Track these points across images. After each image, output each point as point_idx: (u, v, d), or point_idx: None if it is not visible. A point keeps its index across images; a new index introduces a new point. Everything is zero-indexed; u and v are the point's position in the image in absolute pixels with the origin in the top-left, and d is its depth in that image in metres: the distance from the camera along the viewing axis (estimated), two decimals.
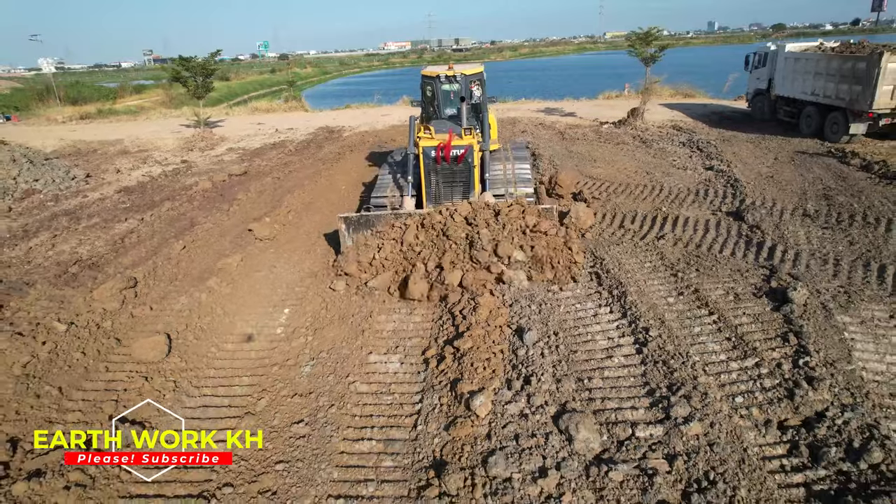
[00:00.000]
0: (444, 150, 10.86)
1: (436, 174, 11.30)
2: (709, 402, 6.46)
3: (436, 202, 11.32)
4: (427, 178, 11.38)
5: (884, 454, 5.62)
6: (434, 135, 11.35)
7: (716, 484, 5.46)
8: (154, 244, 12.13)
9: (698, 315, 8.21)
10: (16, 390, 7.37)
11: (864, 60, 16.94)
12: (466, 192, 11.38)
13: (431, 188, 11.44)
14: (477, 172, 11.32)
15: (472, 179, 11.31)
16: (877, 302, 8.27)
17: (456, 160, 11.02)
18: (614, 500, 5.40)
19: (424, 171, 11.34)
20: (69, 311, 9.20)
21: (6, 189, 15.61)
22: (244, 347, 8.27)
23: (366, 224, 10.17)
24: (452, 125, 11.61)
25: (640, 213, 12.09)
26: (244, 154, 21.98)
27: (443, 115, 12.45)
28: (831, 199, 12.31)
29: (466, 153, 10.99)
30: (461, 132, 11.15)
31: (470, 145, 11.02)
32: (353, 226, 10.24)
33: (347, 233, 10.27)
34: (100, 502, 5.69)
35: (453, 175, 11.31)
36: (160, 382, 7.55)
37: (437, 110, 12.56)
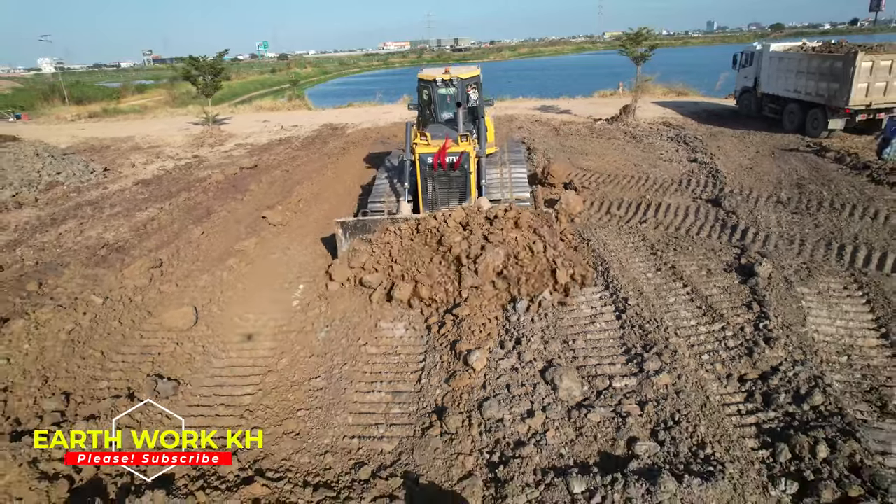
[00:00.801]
0: (441, 156, 10.76)
1: (432, 180, 11.15)
2: (678, 359, 7.30)
3: (433, 208, 11.13)
4: (423, 183, 11.22)
5: (824, 398, 6.46)
6: (430, 141, 11.07)
7: (679, 423, 6.29)
8: (174, 230, 12.96)
9: (673, 287, 9.05)
10: (64, 353, 8.21)
11: (840, 60, 17.76)
12: (463, 198, 11.20)
13: (428, 194, 11.27)
14: (473, 178, 11.21)
15: (469, 185, 11.15)
16: (833, 276, 9.11)
17: (452, 166, 10.92)
18: (591, 437, 6.24)
19: (421, 177, 11.18)
20: (103, 288, 10.04)
21: (31, 181, 16.43)
22: (264, 318, 9.09)
23: (362, 228, 10.17)
24: (449, 130, 11.38)
25: (626, 201, 12.92)
26: (252, 149, 22.80)
27: (439, 119, 12.30)
28: (803, 187, 13.15)
29: (462, 159, 10.84)
30: (457, 138, 10.96)
31: (466, 152, 10.85)
32: (350, 230, 10.24)
33: (344, 237, 10.27)
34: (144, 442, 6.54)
35: (450, 181, 11.15)
36: (190, 347, 8.39)
37: (433, 114, 12.45)
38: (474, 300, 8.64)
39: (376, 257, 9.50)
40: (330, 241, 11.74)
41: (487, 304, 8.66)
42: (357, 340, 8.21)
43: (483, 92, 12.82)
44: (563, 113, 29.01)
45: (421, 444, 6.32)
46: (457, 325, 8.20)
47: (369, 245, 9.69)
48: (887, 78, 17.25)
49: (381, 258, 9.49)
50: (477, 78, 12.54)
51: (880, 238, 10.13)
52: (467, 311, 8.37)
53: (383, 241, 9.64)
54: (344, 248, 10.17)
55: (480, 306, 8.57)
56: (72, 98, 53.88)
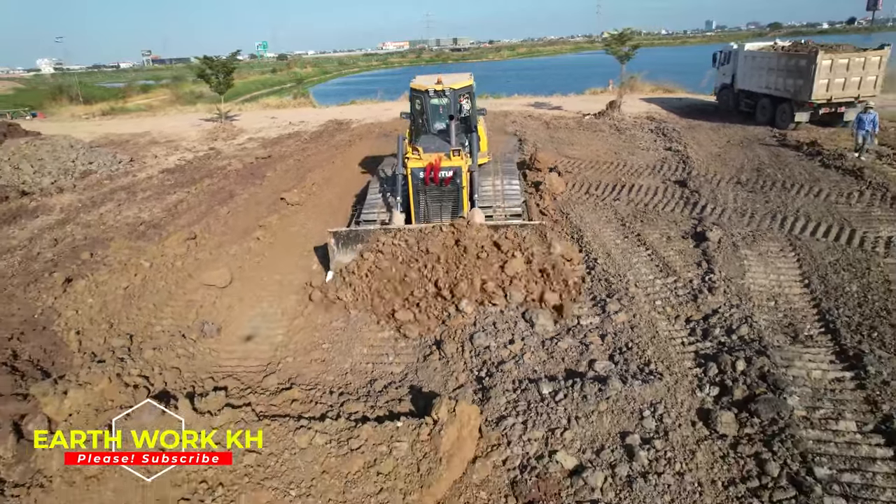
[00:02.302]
0: (433, 171, 10.51)
1: (424, 194, 10.87)
2: (635, 303, 8.74)
3: (425, 221, 10.87)
4: (416, 197, 10.93)
5: (749, 330, 7.90)
6: (422, 155, 10.72)
7: (631, 349, 7.73)
8: (202, 210, 14.35)
9: (637, 250, 10.49)
10: (122, 304, 9.62)
11: (804, 58, 19.13)
12: (456, 212, 10.87)
13: (420, 208, 11.00)
14: (466, 192, 10.88)
15: (461, 199, 10.84)
16: (773, 241, 10.54)
17: (444, 182, 10.65)
18: (560, 359, 7.67)
19: (413, 191, 10.89)
20: (147, 256, 11.44)
21: (68, 170, 17.80)
22: (288, 277, 10.51)
23: (355, 239, 9.96)
24: (441, 142, 11.20)
25: (604, 183, 14.33)
26: (264, 142, 24.16)
27: (432, 130, 11.99)
28: (762, 171, 14.56)
29: (455, 174, 10.61)
30: (450, 152, 10.65)
31: (458, 167, 10.58)
32: (343, 240, 10.05)
33: (337, 248, 10.05)
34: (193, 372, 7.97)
35: (442, 195, 10.88)
36: (227, 300, 9.80)
37: (426, 124, 12.11)
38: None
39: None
40: (343, 218, 13.14)
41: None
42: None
43: (475, 100, 12.49)
44: (554, 109, 30.33)
45: (423, 367, 7.76)
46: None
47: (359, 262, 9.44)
48: (845, 75, 18.63)
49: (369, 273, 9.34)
50: (470, 87, 12.18)
51: (818, 211, 11.55)
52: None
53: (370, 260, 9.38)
54: (337, 258, 10.01)
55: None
56: (78, 98, 55.26)
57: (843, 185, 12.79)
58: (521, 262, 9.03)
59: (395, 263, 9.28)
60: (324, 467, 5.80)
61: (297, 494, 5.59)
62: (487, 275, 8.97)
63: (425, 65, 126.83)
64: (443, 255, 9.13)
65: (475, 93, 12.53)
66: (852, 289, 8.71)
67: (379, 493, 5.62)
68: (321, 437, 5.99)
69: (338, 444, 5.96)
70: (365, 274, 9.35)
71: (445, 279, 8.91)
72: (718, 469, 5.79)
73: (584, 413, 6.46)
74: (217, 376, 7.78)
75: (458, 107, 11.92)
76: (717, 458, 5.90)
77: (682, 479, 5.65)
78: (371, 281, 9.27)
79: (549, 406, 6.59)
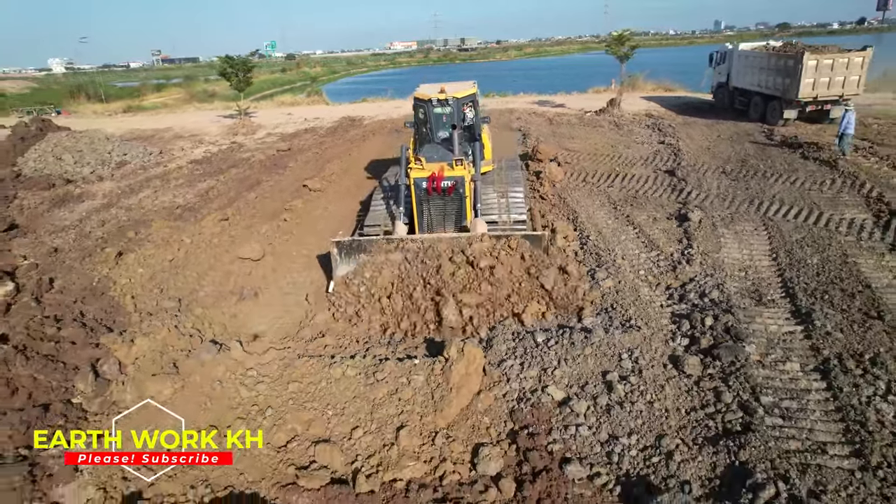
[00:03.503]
0: (436, 181, 10.34)
1: (427, 204, 10.66)
2: (620, 272, 9.83)
3: (428, 231, 10.75)
4: (419, 207, 10.70)
5: (719, 294, 8.96)
6: (425, 165, 10.50)
7: (615, 309, 8.81)
8: (232, 195, 15.52)
9: (625, 229, 11.56)
10: (169, 273, 10.79)
11: (791, 58, 20.07)
12: (459, 222, 10.76)
13: (423, 218, 10.80)
14: (469, 202, 10.66)
15: (464, 209, 10.64)
16: (749, 222, 11.58)
17: (446, 191, 10.47)
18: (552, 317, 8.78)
19: (416, 201, 10.64)
20: (187, 234, 12.61)
21: (105, 161, 19.03)
22: (314, 252, 11.65)
23: (358, 248, 9.86)
24: (444, 151, 10.94)
25: (599, 172, 15.39)
26: (283, 137, 25.33)
27: (435, 139, 11.77)
28: (746, 162, 15.56)
29: (457, 184, 10.43)
30: (452, 162, 10.45)
31: (461, 177, 10.38)
32: (346, 250, 9.91)
33: (340, 257, 9.92)
34: (236, 328, 9.12)
35: (445, 205, 10.68)
36: (262, 271, 10.96)
37: (430, 133, 11.95)
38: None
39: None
40: (360, 203, 14.23)
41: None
42: None
43: (479, 108, 12.32)
44: (558, 107, 31.31)
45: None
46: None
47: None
48: (830, 74, 19.53)
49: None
50: (473, 96, 12.01)
51: (791, 196, 12.56)
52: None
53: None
54: (339, 270, 9.89)
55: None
56: (96, 96, 56.77)
57: (819, 174, 13.78)
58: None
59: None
60: (354, 394, 6.95)
61: (333, 413, 6.74)
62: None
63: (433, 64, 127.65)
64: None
65: (479, 98, 12.48)
66: (813, 261, 9.75)
67: (400, 414, 6.76)
68: (352, 370, 7.14)
69: (365, 376, 7.11)
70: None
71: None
72: (683, 399, 6.88)
73: (571, 356, 7.57)
74: (258, 331, 8.95)
75: (462, 115, 11.80)
76: (682, 392, 7.00)
77: (651, 407, 6.75)
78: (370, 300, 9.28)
79: (542, 351, 7.71)
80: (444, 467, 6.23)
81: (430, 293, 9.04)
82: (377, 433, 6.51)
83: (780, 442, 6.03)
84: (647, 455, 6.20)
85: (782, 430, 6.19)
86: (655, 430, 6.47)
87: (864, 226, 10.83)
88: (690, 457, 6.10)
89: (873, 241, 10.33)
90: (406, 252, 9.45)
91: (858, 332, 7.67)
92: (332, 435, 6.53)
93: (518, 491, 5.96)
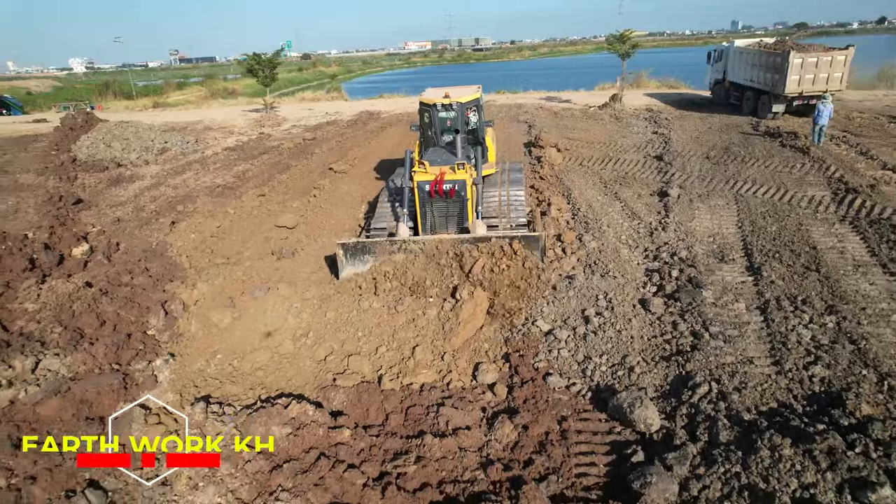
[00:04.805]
0: (438, 184, 10.66)
1: (430, 206, 11.02)
2: (605, 236, 11.23)
3: (431, 232, 11.02)
4: (422, 209, 11.06)
5: (688, 254, 10.33)
6: (428, 168, 10.85)
7: (598, 264, 10.22)
8: (265, 177, 17.10)
9: (613, 204, 12.94)
10: (217, 238, 12.38)
11: (779, 56, 21.22)
12: (461, 223, 11.08)
13: (426, 220, 11.14)
14: (471, 204, 10.96)
15: (466, 211, 10.98)
16: (722, 198, 12.90)
17: (449, 194, 10.79)
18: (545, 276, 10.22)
19: (419, 203, 11.00)
20: (230, 206, 14.22)
21: (148, 148, 20.74)
22: (342, 222, 13.17)
23: (363, 250, 10.09)
24: (448, 155, 11.31)
25: (595, 157, 16.74)
26: (307, 128, 26.89)
27: (440, 143, 11.99)
28: (729, 149, 16.83)
29: (459, 188, 10.74)
30: (455, 166, 10.75)
31: (463, 180, 10.69)
32: (351, 251, 10.10)
33: (345, 259, 10.07)
34: (279, 277, 10.66)
35: (447, 207, 11.02)
36: (297, 236, 12.49)
37: (434, 136, 12.17)
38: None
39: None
40: (378, 183, 15.72)
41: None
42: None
43: (483, 112, 12.43)
44: (564, 102, 32.57)
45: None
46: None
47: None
48: (814, 71, 20.65)
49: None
50: (477, 101, 12.13)
51: (763, 177, 13.85)
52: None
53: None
54: (345, 270, 10.07)
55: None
56: (122, 93, 59.06)
57: (792, 159, 15.03)
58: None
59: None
60: (379, 321, 8.47)
61: (362, 335, 8.26)
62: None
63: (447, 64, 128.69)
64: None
65: (483, 101, 12.62)
66: (772, 229, 11.08)
67: (416, 337, 8.25)
68: (377, 303, 8.67)
69: (388, 308, 8.63)
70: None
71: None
72: (646, 329, 8.30)
73: (556, 298, 9.03)
74: (297, 279, 10.50)
75: (465, 120, 11.98)
76: (646, 324, 8.42)
77: (620, 335, 8.19)
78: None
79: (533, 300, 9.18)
80: (450, 377, 7.72)
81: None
82: (397, 350, 8.03)
83: (719, 357, 7.43)
84: (613, 370, 7.63)
85: (722, 350, 7.59)
86: (622, 352, 7.89)
87: (822, 201, 12.13)
88: (648, 370, 7.53)
89: (828, 213, 11.63)
90: (408, 253, 9.85)
91: (797, 280, 9.04)
92: (361, 351, 8.05)
93: (509, 394, 7.44)
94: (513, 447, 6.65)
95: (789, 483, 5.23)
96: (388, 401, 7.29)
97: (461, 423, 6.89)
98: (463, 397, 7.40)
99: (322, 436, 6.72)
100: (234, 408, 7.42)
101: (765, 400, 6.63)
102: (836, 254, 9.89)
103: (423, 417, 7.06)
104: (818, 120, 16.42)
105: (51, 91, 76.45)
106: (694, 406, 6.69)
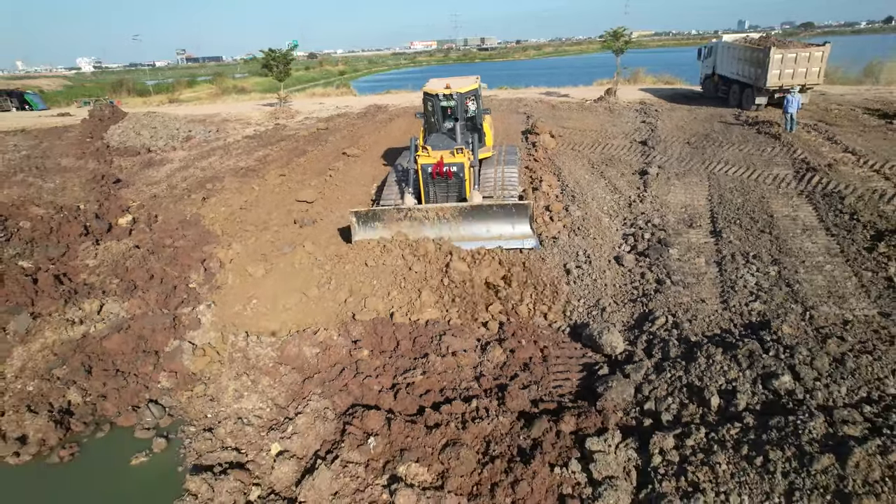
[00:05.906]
0: (439, 167, 11.67)
1: (432, 186, 12.05)
2: (589, 208, 12.48)
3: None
4: (425, 188, 12.07)
5: (660, 221, 11.58)
6: (431, 152, 11.86)
7: (581, 231, 11.50)
8: (284, 160, 18.40)
9: (598, 181, 14.18)
10: (244, 209, 13.72)
11: (761, 51, 22.32)
12: (460, 199, 12.02)
13: (429, 198, 12.15)
14: (469, 184, 11.93)
15: (464, 188, 11.94)
16: (696, 176, 14.12)
17: (448, 175, 11.79)
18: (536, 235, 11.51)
19: (423, 182, 12.02)
20: (255, 184, 15.54)
21: (174, 136, 22.10)
22: (357, 197, 14.47)
23: (374, 217, 11.13)
24: (449, 140, 12.35)
25: (585, 142, 17.96)
26: (319, 120, 28.17)
27: (442, 129, 12.92)
28: (709, 136, 18.01)
29: (458, 170, 11.74)
30: (454, 150, 11.73)
31: (461, 163, 11.67)
32: (363, 219, 11.15)
33: (358, 225, 11.14)
34: (303, 239, 11.99)
35: (447, 187, 12.05)
36: (316, 209, 13.78)
37: (437, 123, 13.09)
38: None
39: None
40: (388, 165, 17.02)
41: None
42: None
43: (481, 101, 13.35)
44: (562, 97, 33.64)
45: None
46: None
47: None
48: (793, 66, 21.74)
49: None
50: (476, 90, 13.02)
51: (736, 158, 15.05)
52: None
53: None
54: (357, 237, 11.13)
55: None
56: (135, 90, 60.60)
57: (764, 144, 16.20)
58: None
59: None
60: (392, 271, 9.81)
61: (376, 282, 9.58)
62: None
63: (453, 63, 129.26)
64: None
65: (481, 91, 13.52)
66: (737, 201, 12.29)
67: (422, 283, 9.58)
68: (397, 253, 10.01)
69: (404, 259, 9.95)
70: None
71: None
72: (618, 279, 9.57)
73: (541, 256, 10.33)
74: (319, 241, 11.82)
75: (465, 108, 12.91)
76: (617, 274, 9.69)
77: (595, 282, 9.46)
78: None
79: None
80: (450, 315, 9.05)
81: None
82: (406, 293, 9.34)
83: (677, 298, 8.70)
84: (589, 311, 8.91)
85: (681, 293, 8.86)
86: (596, 296, 9.18)
87: (785, 178, 13.33)
88: (617, 310, 8.82)
89: (789, 189, 12.82)
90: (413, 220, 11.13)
91: (752, 241, 10.28)
92: (376, 294, 9.37)
93: (500, 329, 8.75)
94: (501, 366, 7.96)
95: (717, 380, 6.51)
96: (399, 332, 8.61)
97: (459, 347, 8.20)
98: (462, 330, 8.71)
99: (345, 354, 8.06)
100: (270, 338, 8.79)
101: (710, 328, 7.90)
102: (789, 220, 11.12)
103: (428, 344, 8.38)
104: (788, 108, 17.59)
105: (62, 90, 77.78)
106: (652, 333, 7.97)
